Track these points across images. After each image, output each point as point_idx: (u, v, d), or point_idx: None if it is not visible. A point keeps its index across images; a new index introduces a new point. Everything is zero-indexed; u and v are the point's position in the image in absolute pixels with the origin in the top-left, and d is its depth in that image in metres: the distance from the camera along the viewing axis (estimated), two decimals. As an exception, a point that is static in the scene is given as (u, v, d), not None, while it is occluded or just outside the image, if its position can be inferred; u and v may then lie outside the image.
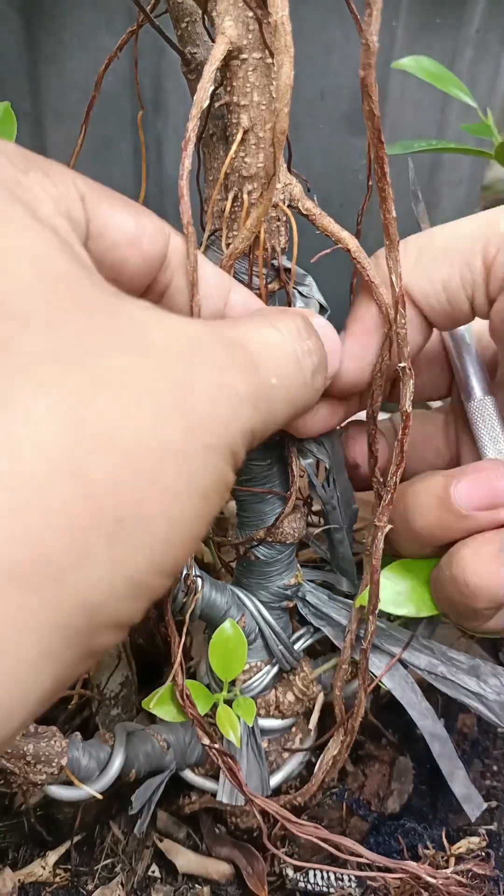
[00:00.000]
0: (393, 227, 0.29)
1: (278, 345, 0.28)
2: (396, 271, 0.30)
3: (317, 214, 0.32)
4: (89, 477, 0.20)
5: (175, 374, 0.23)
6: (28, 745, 0.41)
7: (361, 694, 0.40)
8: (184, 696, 0.38)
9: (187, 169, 0.27)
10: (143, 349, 0.22)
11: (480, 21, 0.96)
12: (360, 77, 0.22)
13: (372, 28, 0.21)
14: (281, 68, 0.24)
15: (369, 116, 0.24)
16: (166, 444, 0.22)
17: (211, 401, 0.23)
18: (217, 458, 0.23)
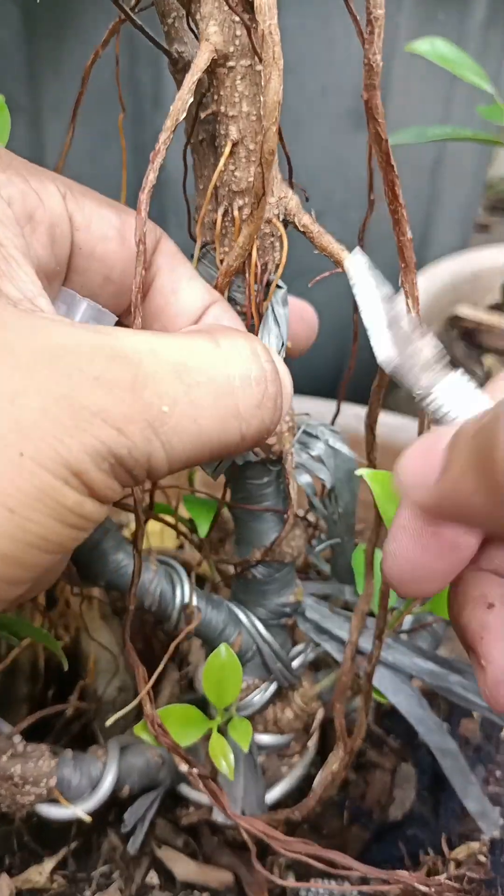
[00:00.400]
0: (409, 249, 0.27)
1: (200, 366, 0.24)
2: (413, 295, 0.28)
3: (315, 232, 0.29)
4: None
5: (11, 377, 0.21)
6: (15, 766, 0.40)
7: (362, 716, 0.39)
8: (154, 725, 0.37)
9: (151, 182, 0.25)
10: None
11: (483, 15, 0.96)
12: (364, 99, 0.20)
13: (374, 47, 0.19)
14: (269, 83, 0.22)
15: (376, 140, 0.22)
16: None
17: (42, 410, 0.21)
18: (39, 471, 0.21)
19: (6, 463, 0.20)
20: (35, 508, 0.21)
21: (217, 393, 0.24)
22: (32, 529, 0.21)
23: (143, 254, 0.25)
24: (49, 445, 0.21)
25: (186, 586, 0.42)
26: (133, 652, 0.34)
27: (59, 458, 0.21)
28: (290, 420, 0.37)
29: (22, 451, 0.20)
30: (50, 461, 0.21)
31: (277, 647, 0.44)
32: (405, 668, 0.43)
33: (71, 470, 0.21)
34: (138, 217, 0.25)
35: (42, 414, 0.21)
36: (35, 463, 0.21)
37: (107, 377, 0.22)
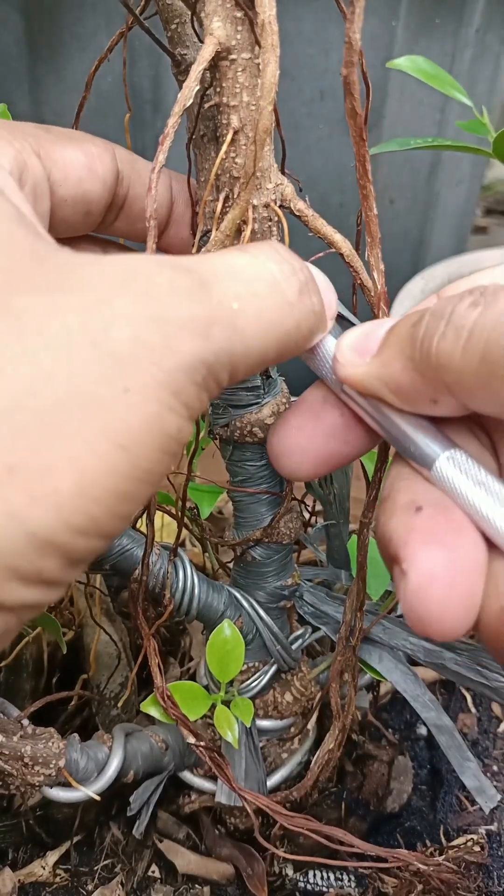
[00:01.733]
0: (374, 224, 0.29)
1: (245, 265, 0.25)
2: (378, 268, 0.30)
3: (309, 216, 0.32)
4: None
5: (94, 311, 0.20)
6: (26, 747, 0.41)
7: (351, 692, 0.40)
8: (164, 697, 0.38)
9: (160, 163, 0.27)
10: (66, 289, 0.21)
11: (480, 21, 0.96)
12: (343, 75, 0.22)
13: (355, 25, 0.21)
14: (266, 67, 0.25)
15: (351, 114, 0.24)
16: (76, 387, 0.20)
17: (135, 337, 0.21)
18: (145, 403, 0.21)
19: (113, 401, 0.20)
20: (144, 443, 0.21)
21: (267, 285, 0.25)
22: (142, 465, 0.21)
23: (154, 229, 0.27)
24: (148, 373, 0.21)
25: (189, 569, 0.43)
26: (144, 620, 0.35)
27: (159, 384, 0.21)
28: (286, 402, 0.39)
29: (126, 385, 0.20)
30: (152, 389, 0.21)
31: (277, 629, 0.45)
32: (401, 646, 0.44)
33: (172, 394, 0.21)
34: (149, 195, 0.27)
35: (135, 342, 0.21)
36: (140, 394, 0.20)
37: (179, 284, 0.22)
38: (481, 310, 0.23)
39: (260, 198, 0.31)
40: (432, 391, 0.25)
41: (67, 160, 0.31)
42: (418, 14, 0.89)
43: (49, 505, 0.19)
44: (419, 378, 0.25)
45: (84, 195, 0.33)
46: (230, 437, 0.40)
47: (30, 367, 0.19)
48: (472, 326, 0.23)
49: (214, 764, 0.39)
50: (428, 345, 0.24)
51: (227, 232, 0.30)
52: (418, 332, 0.25)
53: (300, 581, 0.46)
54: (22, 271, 0.21)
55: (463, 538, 0.25)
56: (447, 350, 0.24)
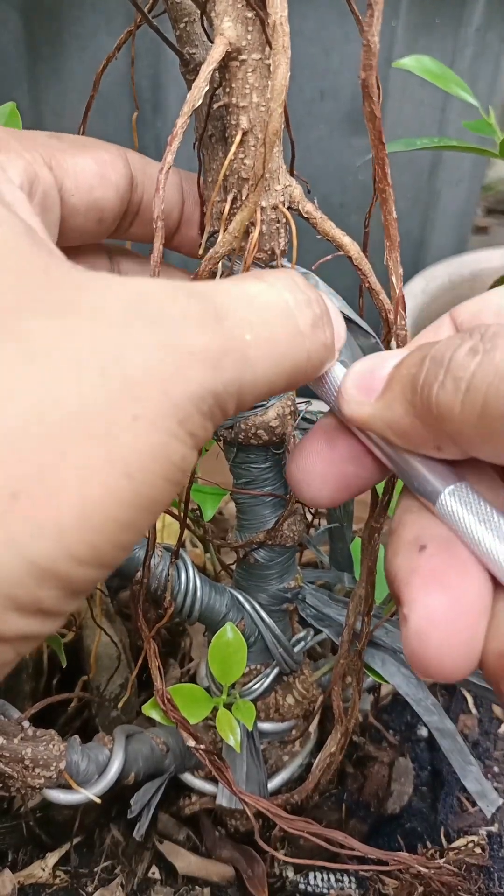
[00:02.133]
0: (393, 228, 0.29)
1: (260, 293, 0.25)
2: (397, 272, 0.30)
3: (318, 218, 0.31)
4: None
5: (106, 337, 0.20)
6: (26, 749, 0.41)
7: (355, 696, 0.40)
8: (164, 700, 0.38)
9: (168, 164, 0.27)
10: (77, 312, 0.20)
11: (480, 20, 0.96)
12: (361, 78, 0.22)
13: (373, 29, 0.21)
14: (277, 69, 0.24)
15: (370, 118, 0.24)
16: (84, 413, 0.19)
17: (144, 365, 0.20)
18: (153, 432, 0.20)
19: (121, 429, 0.20)
20: (150, 471, 0.20)
21: (281, 315, 0.25)
22: (146, 493, 0.20)
23: (162, 230, 0.27)
24: (158, 402, 0.20)
25: (191, 571, 0.43)
26: (145, 623, 0.35)
27: (167, 413, 0.21)
28: (291, 404, 0.39)
29: (135, 413, 0.20)
30: (160, 418, 0.20)
31: (279, 632, 0.45)
32: (403, 649, 0.44)
33: (179, 422, 0.21)
34: (157, 195, 0.27)
35: (145, 370, 0.20)
36: (148, 423, 0.20)
37: (191, 313, 0.22)
38: (480, 359, 0.23)
39: (268, 199, 0.31)
40: (435, 438, 0.25)
41: (79, 169, 0.31)
42: (418, 13, 0.89)
43: (51, 533, 0.19)
44: (421, 425, 0.25)
45: (96, 203, 0.32)
46: (234, 440, 0.39)
47: (38, 392, 0.19)
48: (471, 378, 0.23)
49: (215, 767, 0.39)
50: (428, 393, 0.24)
51: (235, 233, 0.29)
52: (418, 378, 0.24)
53: (303, 584, 0.46)
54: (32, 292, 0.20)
55: (466, 578, 0.24)
56: (447, 401, 0.23)
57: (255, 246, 0.30)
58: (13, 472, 0.18)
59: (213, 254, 0.31)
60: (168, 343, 0.21)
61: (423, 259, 1.12)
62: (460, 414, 0.23)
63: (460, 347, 0.23)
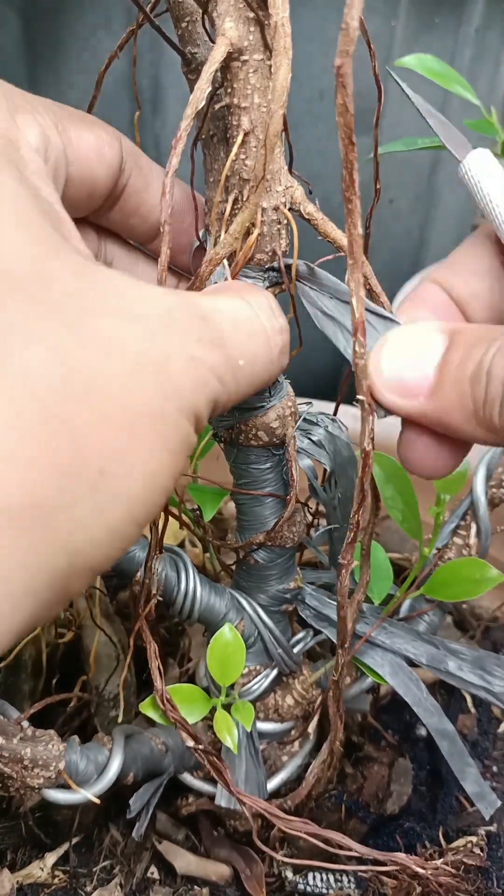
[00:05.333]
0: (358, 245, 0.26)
1: (247, 321, 0.29)
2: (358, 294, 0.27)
3: (319, 219, 0.31)
4: (78, 428, 0.22)
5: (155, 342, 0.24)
6: (25, 749, 0.41)
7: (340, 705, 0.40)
8: (164, 700, 0.38)
9: (174, 167, 0.27)
10: (127, 315, 0.24)
11: (480, 20, 0.96)
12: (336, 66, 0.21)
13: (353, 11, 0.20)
14: (279, 70, 0.24)
15: (342, 112, 0.22)
16: (146, 404, 0.23)
17: (184, 369, 0.25)
18: (186, 422, 0.25)
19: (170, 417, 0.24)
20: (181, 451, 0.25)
21: (262, 345, 0.29)
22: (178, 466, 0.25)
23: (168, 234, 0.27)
24: (191, 399, 0.25)
25: (191, 572, 0.43)
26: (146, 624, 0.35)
27: (195, 409, 0.26)
28: (292, 405, 0.38)
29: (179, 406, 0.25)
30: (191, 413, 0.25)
31: (278, 633, 0.45)
32: (403, 650, 0.44)
33: (197, 419, 0.26)
34: (163, 199, 0.27)
35: (183, 373, 0.25)
36: (184, 415, 0.25)
37: (206, 336, 0.26)
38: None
39: (269, 200, 0.31)
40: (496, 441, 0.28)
41: (81, 140, 0.32)
42: (418, 13, 0.89)
43: (125, 502, 0.23)
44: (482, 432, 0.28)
45: (91, 176, 0.33)
46: (234, 440, 0.39)
47: (119, 386, 0.23)
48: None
49: (213, 768, 0.39)
50: (490, 411, 0.27)
51: (236, 234, 0.29)
52: (479, 394, 0.27)
53: (302, 584, 0.46)
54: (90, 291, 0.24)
55: None
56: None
57: (251, 247, 0.30)
58: (102, 451, 0.22)
59: (214, 255, 0.31)
60: (196, 356, 0.26)
61: (422, 259, 1.11)
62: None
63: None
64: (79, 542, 0.22)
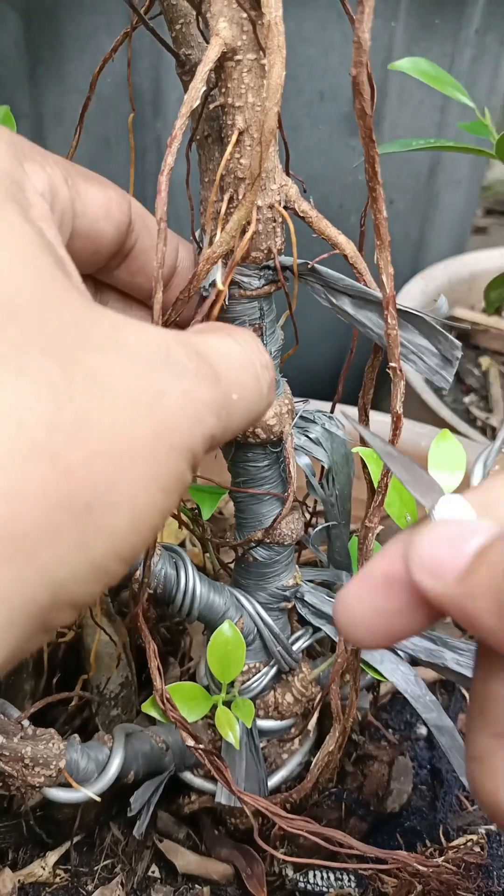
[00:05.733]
0: (384, 226, 0.29)
1: (238, 357, 0.29)
2: (387, 271, 0.30)
3: (313, 217, 0.32)
4: (66, 461, 0.22)
5: (149, 378, 0.24)
6: (26, 748, 0.41)
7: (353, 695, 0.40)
8: (164, 700, 0.38)
9: (169, 166, 0.28)
10: (121, 352, 0.24)
11: (480, 22, 0.96)
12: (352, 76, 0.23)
13: (364, 25, 0.21)
14: (272, 68, 0.25)
15: (361, 115, 0.24)
16: (137, 441, 0.23)
17: (178, 406, 0.25)
18: (180, 459, 0.25)
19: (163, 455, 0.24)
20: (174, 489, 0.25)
21: (252, 380, 0.30)
22: (170, 505, 0.25)
23: (164, 232, 0.27)
24: (186, 437, 0.25)
25: (190, 571, 0.43)
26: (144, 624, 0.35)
27: (190, 446, 0.25)
28: (289, 403, 0.39)
29: (172, 444, 0.24)
30: (186, 450, 0.25)
31: (278, 630, 0.45)
32: (402, 646, 0.44)
33: (193, 455, 0.26)
34: (158, 197, 0.27)
35: (178, 409, 0.25)
36: (178, 452, 0.25)
37: (202, 373, 0.26)
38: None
39: (265, 199, 0.31)
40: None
41: (89, 196, 0.33)
42: (418, 15, 0.89)
43: (109, 538, 0.23)
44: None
45: (98, 234, 0.34)
46: (233, 440, 0.40)
47: (108, 420, 0.23)
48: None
49: (214, 766, 0.39)
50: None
51: (232, 233, 0.30)
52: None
53: (301, 582, 0.46)
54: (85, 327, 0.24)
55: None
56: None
57: (247, 244, 0.31)
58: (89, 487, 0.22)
59: (211, 254, 0.32)
60: (190, 392, 0.26)
61: (422, 260, 1.12)
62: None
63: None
64: (61, 576, 0.22)
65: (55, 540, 0.22)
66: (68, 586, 0.22)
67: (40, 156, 0.30)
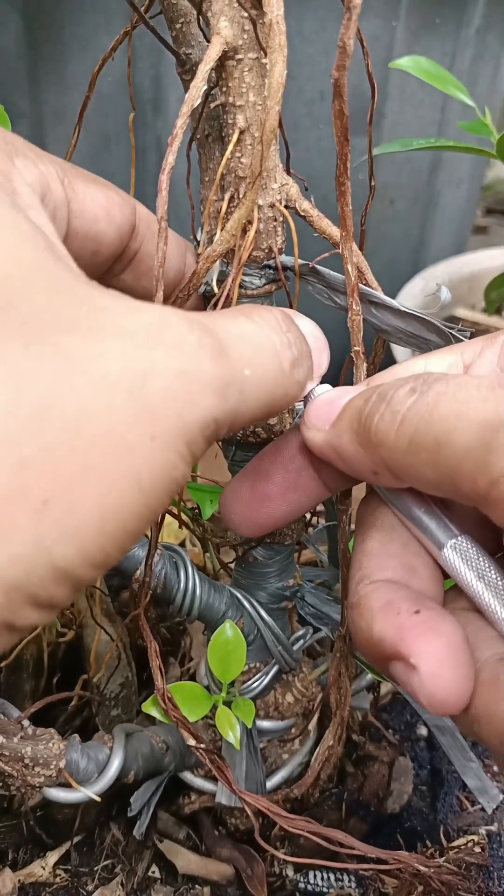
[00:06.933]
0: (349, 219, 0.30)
1: (252, 333, 0.27)
2: (352, 261, 0.31)
3: (314, 216, 0.32)
4: (19, 451, 0.20)
5: (134, 358, 0.22)
6: (26, 748, 0.41)
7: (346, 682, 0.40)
8: (165, 699, 0.38)
9: (170, 165, 0.28)
10: (106, 332, 0.22)
11: (480, 21, 0.96)
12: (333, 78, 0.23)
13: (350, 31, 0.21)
14: (274, 67, 0.25)
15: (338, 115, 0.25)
16: (110, 430, 0.21)
17: (166, 389, 0.22)
18: (165, 451, 0.22)
19: (140, 446, 0.21)
20: (159, 486, 0.22)
21: (270, 355, 0.27)
22: (152, 506, 0.22)
23: (165, 231, 0.27)
24: (173, 424, 0.22)
25: (190, 570, 0.43)
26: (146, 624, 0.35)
27: (179, 434, 0.23)
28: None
29: (153, 433, 0.22)
30: (173, 439, 0.22)
31: (278, 630, 0.45)
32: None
33: (186, 444, 0.23)
34: (160, 196, 0.27)
35: (165, 393, 0.22)
36: (163, 443, 0.22)
37: (205, 344, 0.24)
38: (416, 397, 0.26)
39: (265, 198, 0.31)
40: (371, 463, 0.28)
41: (88, 197, 0.32)
42: (418, 14, 0.89)
43: (73, 539, 0.21)
44: (361, 451, 0.28)
45: (96, 235, 0.33)
46: (232, 438, 0.39)
47: (75, 407, 0.20)
48: (406, 412, 0.26)
49: (214, 766, 0.39)
50: (369, 423, 0.28)
51: (232, 232, 0.30)
52: (363, 410, 0.28)
53: (301, 582, 0.46)
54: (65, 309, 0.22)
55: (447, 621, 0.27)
56: (384, 429, 0.27)
57: (251, 243, 0.31)
58: (47, 480, 0.20)
59: (211, 253, 0.32)
60: (186, 370, 0.23)
61: (422, 259, 1.11)
62: (394, 441, 0.27)
63: (403, 387, 0.27)
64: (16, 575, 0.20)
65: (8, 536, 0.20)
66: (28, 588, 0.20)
67: (34, 154, 0.30)
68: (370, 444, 0.28)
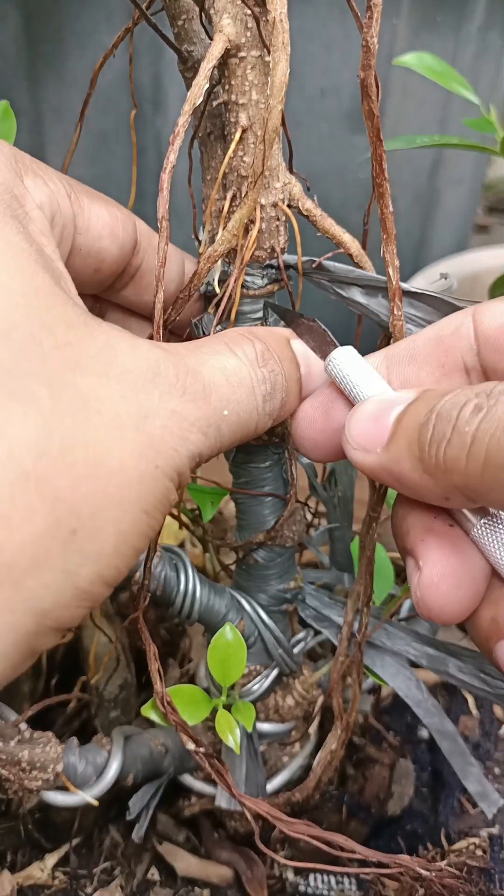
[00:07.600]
0: (390, 221, 0.30)
1: (233, 370, 0.29)
2: (393, 265, 0.31)
3: (317, 215, 0.31)
4: (53, 488, 0.22)
5: (136, 399, 0.25)
6: (23, 752, 0.41)
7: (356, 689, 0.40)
8: (164, 702, 0.38)
9: (171, 163, 0.28)
10: (111, 372, 0.25)
11: (482, 18, 0.95)
12: (360, 78, 0.22)
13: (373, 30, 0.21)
14: (277, 65, 0.24)
15: (369, 115, 0.24)
16: (123, 463, 0.24)
17: (164, 427, 0.25)
18: (165, 479, 0.25)
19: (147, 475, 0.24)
20: (158, 508, 0.25)
21: (246, 394, 0.29)
22: (154, 525, 0.25)
23: (166, 230, 0.27)
24: (170, 456, 0.25)
25: (190, 572, 0.43)
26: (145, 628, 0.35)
27: (175, 465, 0.26)
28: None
29: (157, 464, 0.25)
30: (171, 469, 0.25)
31: (279, 633, 0.45)
32: (404, 651, 0.44)
33: (179, 474, 0.26)
34: (161, 195, 0.27)
35: (163, 429, 0.25)
36: (163, 473, 0.25)
37: (191, 390, 0.27)
38: (483, 414, 0.25)
39: (268, 197, 0.31)
40: (443, 490, 0.27)
41: (93, 213, 0.33)
42: (420, 11, 0.89)
43: (94, 562, 0.23)
44: (429, 479, 0.27)
45: (99, 251, 0.34)
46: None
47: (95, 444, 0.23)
48: (475, 433, 0.25)
49: (214, 770, 0.39)
50: (436, 450, 0.26)
51: (234, 231, 0.29)
52: (426, 436, 0.27)
53: (302, 584, 0.46)
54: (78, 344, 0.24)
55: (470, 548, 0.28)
56: (453, 456, 0.26)
57: (253, 243, 0.30)
58: (76, 512, 0.22)
59: (212, 252, 0.31)
60: (177, 411, 0.26)
61: (423, 258, 1.11)
62: (466, 466, 0.25)
63: (466, 405, 0.25)
64: (47, 603, 0.22)
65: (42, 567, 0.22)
66: (54, 612, 0.22)
67: (42, 171, 0.30)
68: (439, 472, 0.26)
